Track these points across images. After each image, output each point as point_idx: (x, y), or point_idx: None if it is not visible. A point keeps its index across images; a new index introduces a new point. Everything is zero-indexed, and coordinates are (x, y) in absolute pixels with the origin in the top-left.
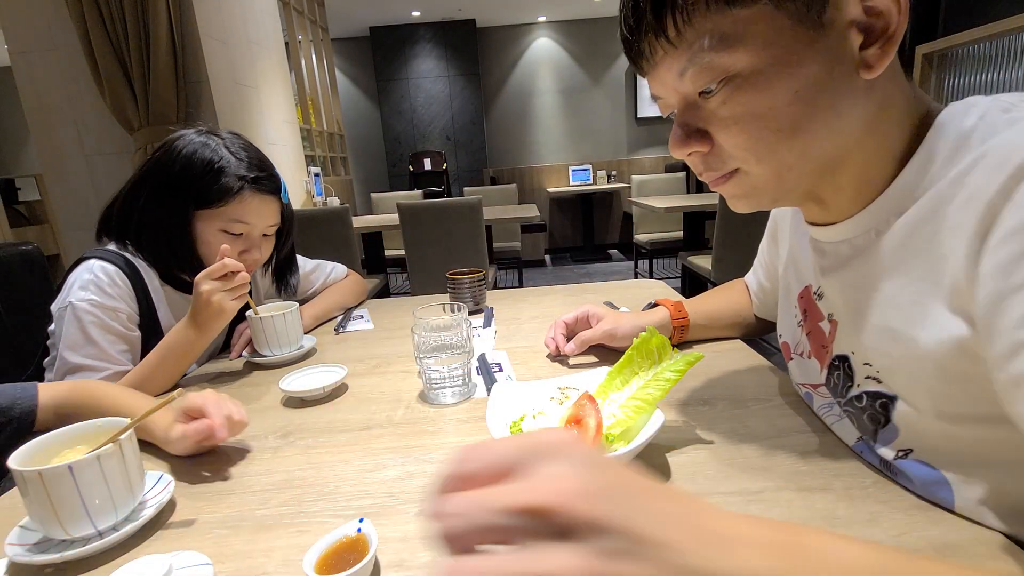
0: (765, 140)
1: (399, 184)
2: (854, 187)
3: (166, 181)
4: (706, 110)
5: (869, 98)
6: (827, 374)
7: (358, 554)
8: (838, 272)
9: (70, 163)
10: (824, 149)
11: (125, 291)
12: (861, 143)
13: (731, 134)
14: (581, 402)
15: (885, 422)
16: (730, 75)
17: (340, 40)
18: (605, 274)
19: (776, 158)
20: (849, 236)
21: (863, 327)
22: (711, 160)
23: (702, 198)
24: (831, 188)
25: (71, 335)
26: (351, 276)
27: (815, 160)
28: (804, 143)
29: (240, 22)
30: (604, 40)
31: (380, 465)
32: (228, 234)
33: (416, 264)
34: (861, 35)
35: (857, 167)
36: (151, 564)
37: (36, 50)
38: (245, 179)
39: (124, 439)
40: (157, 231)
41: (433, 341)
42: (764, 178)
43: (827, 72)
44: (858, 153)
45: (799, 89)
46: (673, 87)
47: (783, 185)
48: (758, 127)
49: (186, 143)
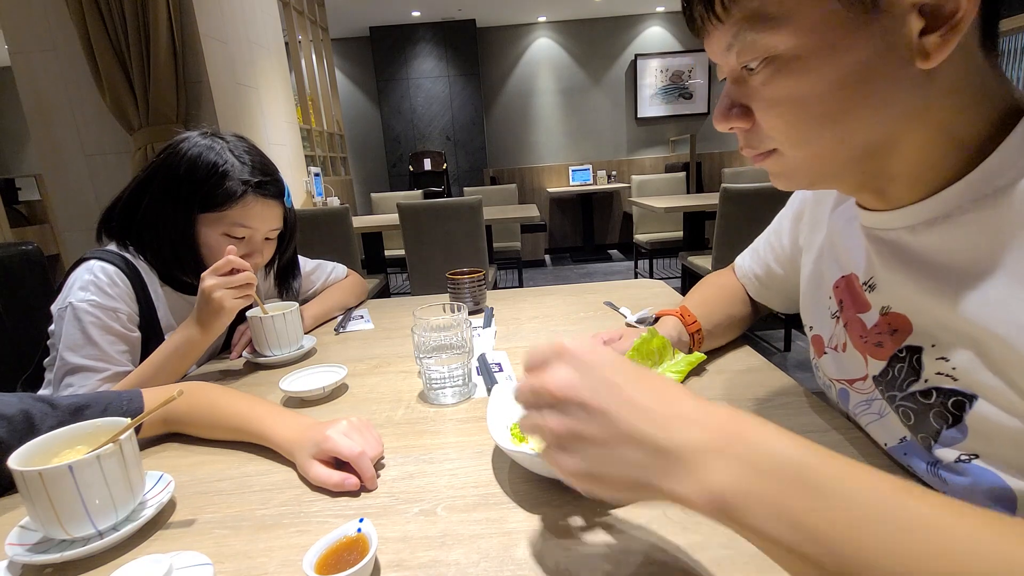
0: (802, 126)
1: (399, 184)
2: (912, 175)
3: (170, 183)
4: (750, 87)
5: (927, 87)
6: (886, 366)
7: (358, 554)
8: (900, 259)
9: (70, 163)
10: (866, 138)
11: (125, 291)
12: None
13: (769, 116)
14: None
15: (954, 422)
16: (772, 56)
17: (340, 40)
18: (605, 274)
19: (812, 145)
20: (909, 222)
21: (941, 319)
22: (751, 137)
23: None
24: (882, 176)
25: (71, 335)
26: (351, 276)
27: (855, 148)
28: (843, 132)
29: (240, 22)
30: (604, 40)
31: (380, 465)
32: (230, 238)
33: (416, 264)
34: (923, 20)
35: (914, 154)
36: (151, 564)
37: (36, 50)
38: (249, 183)
39: (124, 439)
40: (160, 233)
41: (433, 341)
42: (799, 161)
43: (879, 59)
44: (912, 140)
45: (844, 77)
46: (722, 59)
47: (819, 170)
48: (796, 112)
49: (191, 145)
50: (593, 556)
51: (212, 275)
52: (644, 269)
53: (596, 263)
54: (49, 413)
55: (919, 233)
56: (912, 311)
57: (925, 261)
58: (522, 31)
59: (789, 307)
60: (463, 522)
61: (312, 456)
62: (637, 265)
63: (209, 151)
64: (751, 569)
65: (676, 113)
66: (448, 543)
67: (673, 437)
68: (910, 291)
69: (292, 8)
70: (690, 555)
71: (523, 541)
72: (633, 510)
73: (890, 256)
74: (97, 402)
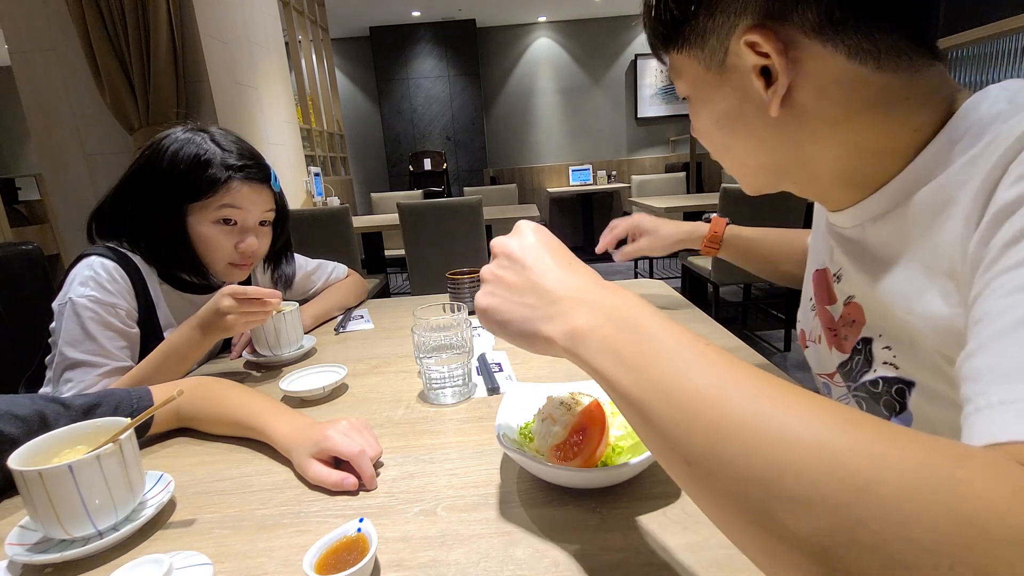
0: (711, 148)
1: (399, 184)
2: (841, 182)
3: (155, 179)
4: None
5: (802, 119)
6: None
7: (358, 554)
8: (855, 255)
9: (70, 163)
10: (760, 161)
11: (124, 288)
12: (820, 149)
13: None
14: (588, 410)
15: (900, 409)
16: (683, 96)
17: (340, 40)
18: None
19: (725, 163)
20: (858, 221)
21: (883, 310)
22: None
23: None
24: (815, 184)
25: (70, 331)
26: (352, 276)
27: (758, 168)
28: (735, 157)
29: (240, 22)
30: (604, 40)
31: (379, 465)
32: (222, 225)
33: (416, 264)
34: (762, 79)
35: (829, 166)
36: (151, 564)
37: (36, 50)
38: (232, 167)
39: (124, 439)
40: (152, 230)
41: (433, 341)
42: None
43: (737, 107)
44: (822, 156)
45: (717, 119)
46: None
47: (745, 182)
48: (703, 138)
49: (172, 140)
50: (593, 556)
51: (231, 297)
52: (644, 269)
53: (596, 263)
54: (62, 413)
55: (866, 230)
56: (865, 302)
57: (872, 255)
58: (522, 31)
59: None
60: (463, 522)
61: (311, 455)
62: (637, 265)
63: (190, 143)
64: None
65: (676, 113)
66: (448, 543)
67: (560, 290)
68: (863, 283)
69: (292, 8)
70: (690, 555)
71: (523, 541)
72: (632, 510)
73: (849, 249)
74: (107, 401)
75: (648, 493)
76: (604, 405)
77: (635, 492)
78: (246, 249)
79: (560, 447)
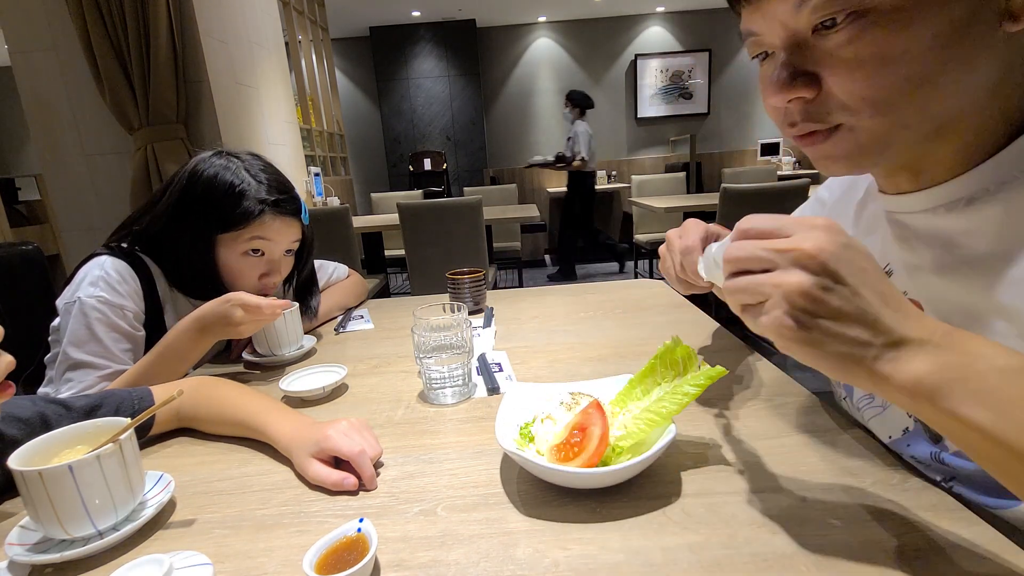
0: (890, 88)
1: (399, 184)
2: (958, 154)
3: (188, 206)
4: (820, 50)
5: (1003, 55)
6: None
7: (358, 554)
8: (924, 243)
9: (70, 163)
10: (946, 107)
11: (134, 289)
12: (981, 106)
13: (851, 79)
14: (588, 410)
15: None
16: (864, 8)
17: (340, 40)
18: (605, 274)
19: (896, 112)
20: (936, 203)
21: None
22: (813, 110)
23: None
24: (934, 155)
25: (76, 331)
26: (352, 276)
27: (934, 120)
28: (929, 98)
29: (240, 22)
30: (604, 40)
31: (379, 465)
32: (250, 256)
33: (416, 264)
34: None
35: (969, 133)
36: (151, 564)
37: (36, 50)
38: (266, 202)
39: (124, 439)
40: (179, 254)
41: (433, 341)
42: (875, 135)
43: (971, 16)
44: (974, 117)
45: (939, 33)
46: (783, 20)
47: (892, 145)
48: (886, 72)
49: (207, 166)
50: (593, 556)
51: (242, 308)
52: (644, 269)
53: (596, 263)
54: (64, 414)
55: (941, 215)
56: (927, 295)
57: (947, 242)
58: (522, 31)
59: None
60: (463, 522)
61: (311, 455)
62: (637, 265)
63: (225, 171)
64: (751, 569)
65: (676, 113)
66: (448, 543)
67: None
68: (927, 273)
69: (292, 8)
70: (690, 555)
71: (523, 541)
72: (632, 510)
73: (911, 238)
74: (109, 401)
75: (648, 493)
76: (604, 405)
77: (635, 492)
78: (268, 283)
79: (560, 447)
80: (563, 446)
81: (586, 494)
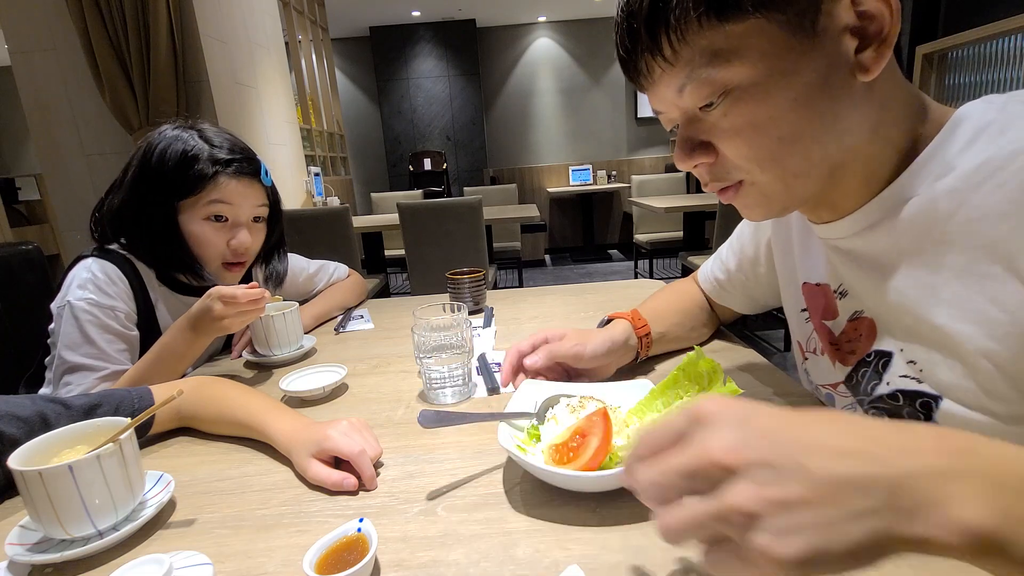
0: (767, 149)
1: (399, 184)
2: (861, 186)
3: (145, 178)
4: (708, 122)
5: (869, 100)
6: (851, 371)
7: (358, 554)
8: (862, 266)
9: (70, 163)
10: (828, 153)
11: (123, 290)
12: (865, 143)
13: (735, 145)
14: (593, 418)
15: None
16: (729, 88)
17: (340, 40)
18: (605, 274)
19: (780, 166)
20: (857, 228)
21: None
22: (717, 171)
23: (702, 198)
24: (839, 190)
25: (69, 334)
26: (352, 276)
27: (820, 165)
28: (806, 148)
29: (240, 22)
30: (604, 40)
31: (379, 465)
32: (213, 222)
33: (416, 264)
34: (856, 39)
35: (862, 166)
36: (151, 564)
37: (36, 50)
38: (220, 161)
39: (124, 439)
40: (146, 230)
41: (433, 341)
42: (771, 187)
43: (824, 78)
44: (863, 153)
45: (797, 97)
46: (673, 102)
47: (792, 192)
48: (760, 136)
49: (160, 138)
50: (593, 556)
51: (220, 302)
52: (644, 269)
53: (596, 263)
54: (63, 414)
55: (866, 237)
56: (878, 315)
57: (877, 263)
58: (522, 31)
59: (751, 307)
60: (463, 522)
61: (312, 455)
62: (637, 265)
63: (177, 140)
64: None
65: None
66: (448, 543)
67: (901, 469)
68: (875, 295)
69: (292, 8)
70: (690, 555)
71: (523, 541)
72: (632, 510)
73: (851, 263)
74: (108, 401)
75: None
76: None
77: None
78: (238, 246)
79: (559, 448)
80: (561, 447)
81: (586, 495)
